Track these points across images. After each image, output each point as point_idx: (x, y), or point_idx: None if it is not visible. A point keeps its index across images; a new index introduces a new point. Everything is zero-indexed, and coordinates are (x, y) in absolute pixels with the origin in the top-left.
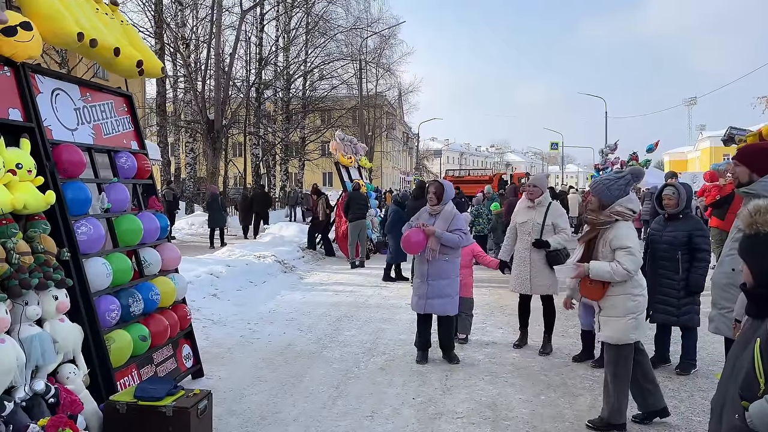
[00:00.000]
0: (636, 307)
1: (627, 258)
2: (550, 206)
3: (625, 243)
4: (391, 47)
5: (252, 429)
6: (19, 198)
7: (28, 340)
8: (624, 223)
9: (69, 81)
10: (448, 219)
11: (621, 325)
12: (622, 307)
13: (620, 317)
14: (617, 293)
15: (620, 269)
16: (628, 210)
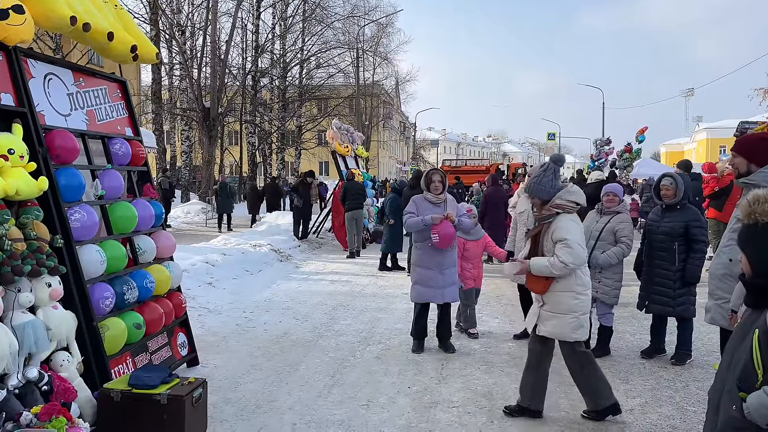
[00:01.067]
0: (578, 306)
1: (564, 251)
2: None
3: (563, 235)
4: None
5: (247, 417)
6: (11, 184)
7: (20, 327)
8: (565, 215)
9: (62, 66)
10: (454, 206)
11: (563, 322)
12: (564, 305)
13: (563, 314)
14: (561, 290)
15: (557, 262)
16: (569, 202)
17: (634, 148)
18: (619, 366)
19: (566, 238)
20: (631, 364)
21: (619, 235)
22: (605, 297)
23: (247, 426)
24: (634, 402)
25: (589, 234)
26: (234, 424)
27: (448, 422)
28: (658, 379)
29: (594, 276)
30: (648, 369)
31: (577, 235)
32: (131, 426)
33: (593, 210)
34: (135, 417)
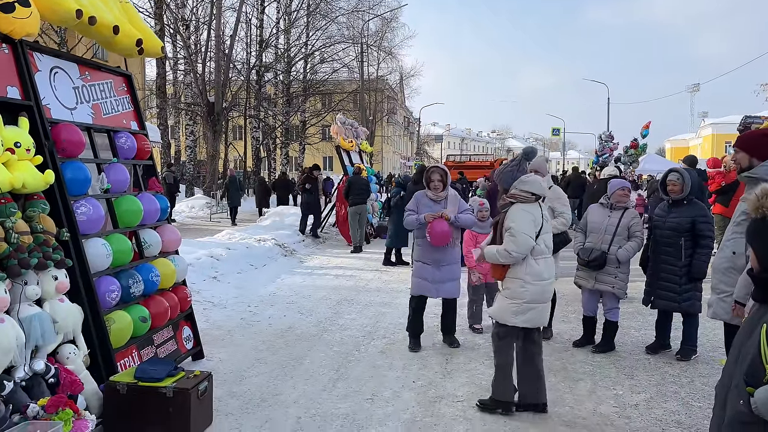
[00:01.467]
0: (523, 294)
1: (508, 239)
2: (550, 190)
3: (509, 224)
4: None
5: (252, 410)
6: (18, 177)
7: (27, 320)
8: (517, 205)
9: (68, 59)
10: (455, 202)
11: (505, 304)
12: (512, 290)
13: (508, 299)
14: (512, 276)
15: (502, 250)
16: (523, 192)
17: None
18: (624, 361)
19: (511, 226)
20: (636, 360)
21: (633, 230)
22: (620, 292)
23: (252, 419)
24: (639, 397)
25: (603, 229)
26: (239, 417)
27: (453, 416)
28: (663, 374)
29: (610, 271)
30: (653, 364)
31: (523, 224)
32: (137, 419)
33: (597, 204)
34: (141, 410)
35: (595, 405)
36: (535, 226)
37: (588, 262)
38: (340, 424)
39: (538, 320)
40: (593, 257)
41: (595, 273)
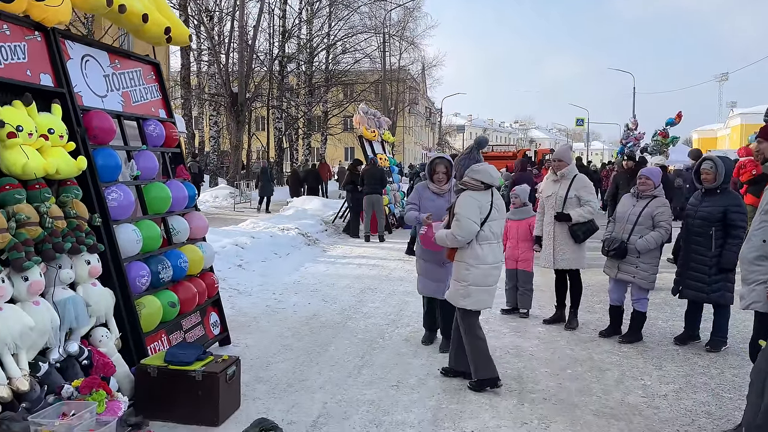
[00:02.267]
0: (467, 276)
1: (454, 224)
2: (575, 179)
3: (456, 210)
4: (416, 20)
5: (279, 395)
6: (52, 163)
7: (62, 303)
8: (467, 192)
9: (98, 47)
10: None
11: (453, 288)
12: (456, 272)
13: (456, 281)
14: (458, 259)
15: (450, 233)
16: (472, 180)
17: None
18: (652, 352)
19: (457, 212)
20: (664, 351)
21: (658, 219)
22: (643, 282)
23: (280, 403)
24: (667, 388)
25: (625, 218)
26: (266, 401)
27: (478, 404)
28: (693, 365)
29: (631, 261)
30: (681, 355)
31: (468, 210)
32: (167, 401)
33: (628, 194)
34: (171, 392)
35: (623, 395)
36: (481, 213)
37: (608, 252)
38: (366, 410)
39: (483, 303)
40: (613, 247)
41: (618, 262)
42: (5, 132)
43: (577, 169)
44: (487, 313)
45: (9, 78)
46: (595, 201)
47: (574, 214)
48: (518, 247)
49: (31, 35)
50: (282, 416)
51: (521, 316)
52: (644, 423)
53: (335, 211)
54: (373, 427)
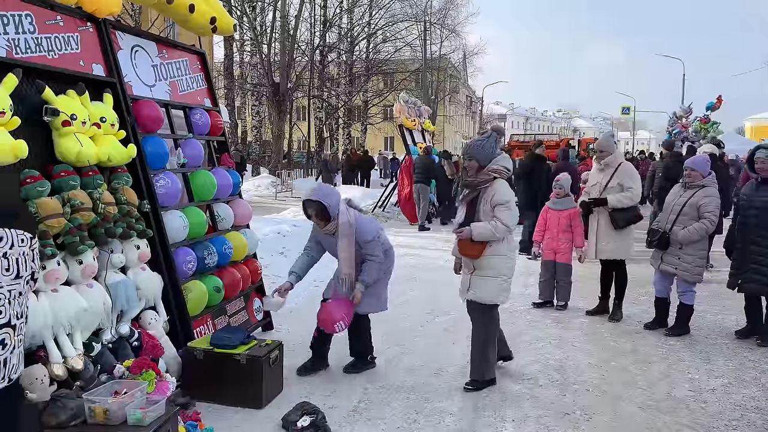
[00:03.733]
0: (510, 269)
1: (506, 213)
2: (620, 167)
3: (504, 198)
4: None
5: (321, 381)
6: (104, 150)
7: (113, 286)
8: (501, 180)
9: (147, 38)
10: (350, 233)
11: (494, 285)
12: (498, 268)
13: (494, 278)
14: (494, 253)
15: (500, 225)
16: (504, 168)
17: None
18: (700, 346)
19: (508, 200)
20: (712, 344)
21: (703, 210)
22: (685, 274)
23: (321, 388)
24: (716, 382)
25: (670, 208)
26: (308, 386)
27: (519, 393)
28: (742, 360)
29: (674, 252)
30: (731, 349)
31: (511, 197)
32: (213, 383)
33: (679, 183)
34: (216, 375)
35: (669, 388)
36: None
37: (649, 242)
38: (406, 396)
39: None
40: (654, 237)
41: (661, 253)
42: (60, 120)
43: (622, 157)
44: (526, 304)
45: (63, 68)
46: (638, 188)
47: (612, 199)
48: (558, 239)
49: (83, 26)
50: (323, 401)
51: (558, 308)
52: (691, 417)
53: (375, 201)
54: (413, 413)
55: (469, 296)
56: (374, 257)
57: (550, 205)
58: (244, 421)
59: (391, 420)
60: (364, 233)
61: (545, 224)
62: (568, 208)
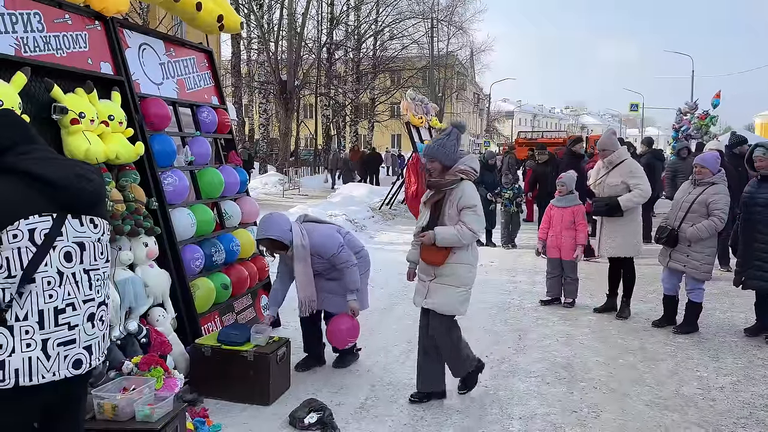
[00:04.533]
0: (471, 279)
1: (473, 217)
2: (622, 164)
3: (472, 202)
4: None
5: (327, 377)
6: (112, 148)
7: (122, 283)
8: (468, 182)
9: (155, 36)
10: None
11: (455, 295)
12: (460, 277)
13: (456, 287)
14: (457, 261)
15: (466, 230)
16: (471, 169)
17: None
18: (709, 343)
19: (475, 204)
20: (720, 342)
21: (712, 207)
22: (694, 272)
23: (328, 385)
24: (725, 380)
25: (679, 205)
26: (315, 383)
27: (526, 391)
28: (751, 357)
29: (682, 249)
30: (740, 347)
31: (479, 201)
32: (220, 380)
33: (688, 180)
34: (224, 371)
35: (677, 386)
36: None
37: (657, 239)
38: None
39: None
40: (663, 234)
41: (669, 251)
42: (69, 118)
43: (626, 154)
44: (534, 302)
45: (72, 66)
46: (645, 184)
47: (624, 200)
48: (561, 236)
49: (91, 24)
50: (330, 398)
51: (565, 306)
52: (699, 415)
53: (382, 198)
54: (420, 410)
55: (428, 304)
56: (348, 264)
57: (554, 202)
58: (251, 417)
59: (398, 417)
60: (324, 249)
61: (550, 221)
62: (572, 205)
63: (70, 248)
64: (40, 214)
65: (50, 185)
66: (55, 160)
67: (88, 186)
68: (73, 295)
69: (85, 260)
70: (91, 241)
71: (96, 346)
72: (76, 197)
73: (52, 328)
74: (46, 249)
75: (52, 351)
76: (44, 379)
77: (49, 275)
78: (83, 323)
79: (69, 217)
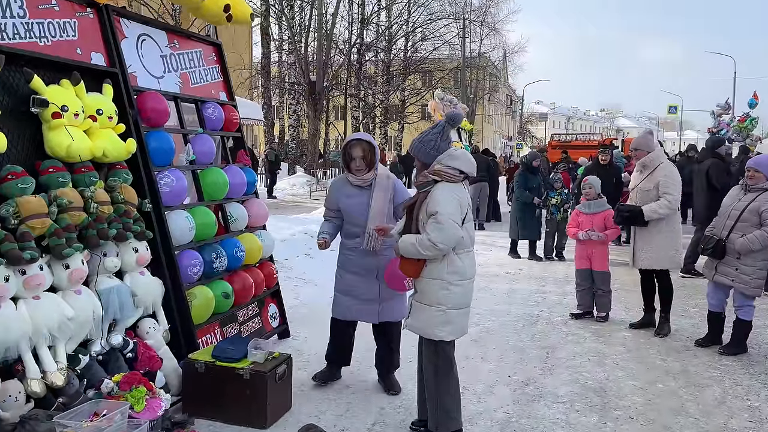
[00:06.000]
0: (447, 297)
1: (433, 226)
2: (658, 168)
3: (434, 208)
4: (497, 5)
5: (334, 397)
6: (98, 145)
7: (105, 293)
8: (444, 185)
9: (156, 27)
10: (388, 188)
11: (427, 315)
12: (431, 295)
13: (429, 306)
14: (430, 276)
15: (425, 240)
16: (451, 169)
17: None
18: (759, 367)
19: (437, 211)
20: None
21: (766, 216)
22: (744, 287)
23: (334, 406)
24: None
25: (727, 213)
26: (319, 403)
27: (553, 419)
28: None
29: (730, 262)
30: None
31: (449, 207)
32: (215, 398)
33: (737, 185)
34: (218, 390)
35: (726, 418)
36: (461, 213)
37: (703, 250)
38: None
39: (463, 329)
40: (709, 245)
41: (716, 263)
42: (50, 112)
43: (662, 157)
44: (564, 315)
45: (56, 56)
46: (676, 194)
47: (647, 210)
48: (590, 244)
49: (82, 12)
50: (334, 421)
51: (598, 320)
52: None
53: None
54: None
55: (407, 325)
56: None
57: (581, 208)
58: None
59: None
60: (403, 189)
61: (578, 229)
62: (602, 211)
63: None
64: None
65: None
66: None
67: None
68: None
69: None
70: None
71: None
72: None
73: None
74: None
75: None
76: None
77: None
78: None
79: None
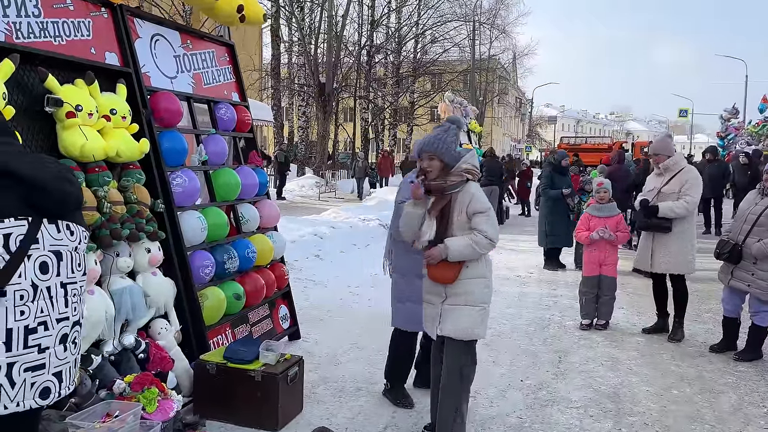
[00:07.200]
0: (489, 295)
1: (489, 224)
2: (681, 171)
3: (484, 206)
4: (507, 7)
5: (346, 399)
6: (112, 145)
7: (118, 293)
8: (474, 183)
9: (170, 27)
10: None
11: (473, 315)
12: (475, 295)
13: (472, 306)
14: (473, 276)
15: (482, 239)
16: (475, 167)
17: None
18: None
19: (488, 207)
20: None
21: None
22: (760, 293)
23: (345, 409)
24: None
25: (744, 218)
26: (331, 406)
27: (567, 425)
28: None
29: (746, 267)
30: None
31: (490, 205)
32: (226, 400)
33: (754, 189)
34: (229, 392)
35: (742, 425)
36: None
37: (719, 255)
38: None
39: None
40: (725, 250)
41: (731, 268)
42: (64, 111)
43: (684, 161)
44: (576, 319)
45: (70, 55)
46: (695, 196)
47: (664, 207)
48: (603, 250)
49: (96, 11)
50: (346, 424)
51: (597, 328)
52: None
53: None
54: None
55: (443, 331)
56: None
57: (592, 211)
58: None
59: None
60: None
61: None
62: (614, 215)
63: (47, 258)
64: (16, 217)
65: (25, 183)
66: (28, 155)
67: (69, 188)
68: (47, 313)
69: (62, 272)
70: (69, 250)
71: (67, 372)
72: (54, 200)
73: (20, 351)
74: (20, 258)
75: (18, 377)
76: (6, 410)
77: (23, 288)
78: (55, 345)
79: (45, 222)
